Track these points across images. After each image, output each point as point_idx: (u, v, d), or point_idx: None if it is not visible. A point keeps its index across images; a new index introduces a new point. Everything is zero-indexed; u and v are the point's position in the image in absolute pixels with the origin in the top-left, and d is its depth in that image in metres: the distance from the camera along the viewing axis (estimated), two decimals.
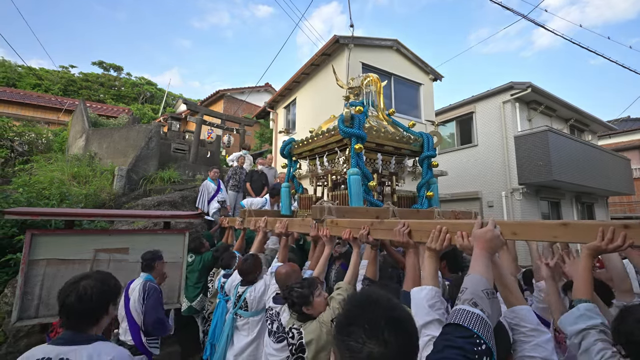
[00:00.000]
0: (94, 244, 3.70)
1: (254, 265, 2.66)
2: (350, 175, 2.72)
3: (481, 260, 1.14)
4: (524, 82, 9.03)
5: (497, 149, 9.46)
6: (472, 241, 1.27)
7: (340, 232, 2.18)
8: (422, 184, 3.31)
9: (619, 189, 10.97)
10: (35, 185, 5.44)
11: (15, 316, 3.23)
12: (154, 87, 26.55)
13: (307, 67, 8.52)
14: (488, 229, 1.24)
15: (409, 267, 1.65)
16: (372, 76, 3.50)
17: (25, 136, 8.85)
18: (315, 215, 2.32)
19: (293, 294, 1.87)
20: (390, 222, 1.85)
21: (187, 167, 8.38)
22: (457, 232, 1.40)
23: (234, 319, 2.65)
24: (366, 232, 1.93)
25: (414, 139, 3.30)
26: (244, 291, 2.63)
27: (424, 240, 1.54)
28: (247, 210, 3.68)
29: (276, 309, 2.22)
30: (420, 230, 1.63)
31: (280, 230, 2.77)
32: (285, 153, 3.76)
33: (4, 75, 20.48)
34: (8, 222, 4.09)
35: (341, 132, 2.80)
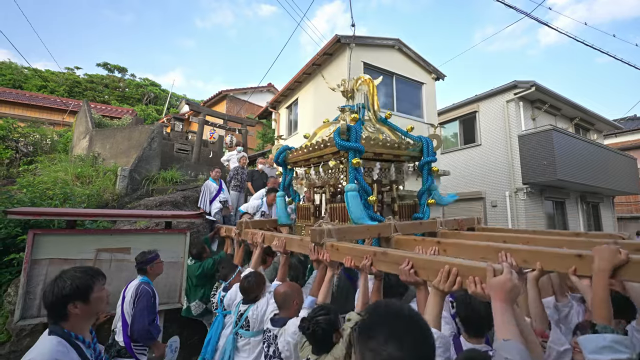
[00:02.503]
0: (96, 244, 3.72)
1: (256, 284, 2.55)
2: (347, 191, 2.61)
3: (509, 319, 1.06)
4: (528, 81, 8.95)
5: (501, 148, 9.38)
6: (488, 291, 1.20)
7: (340, 258, 2.08)
8: (422, 191, 3.16)
9: (625, 189, 10.83)
10: (39, 186, 5.48)
11: (18, 315, 3.26)
12: (157, 88, 26.71)
13: (309, 67, 8.52)
14: (506, 279, 1.14)
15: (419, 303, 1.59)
16: (363, 77, 3.33)
17: (30, 137, 8.93)
18: (315, 239, 2.23)
19: (320, 320, 1.72)
20: (394, 256, 1.76)
21: (189, 167, 8.41)
22: (469, 276, 1.33)
23: (234, 339, 2.55)
24: (369, 263, 1.83)
25: (412, 144, 3.15)
26: (245, 310, 2.53)
27: (431, 278, 1.48)
28: (243, 222, 3.58)
29: (274, 332, 2.13)
30: (427, 268, 1.54)
31: (278, 249, 2.67)
32: (279, 161, 3.62)
33: (10, 77, 20.72)
34: (11, 222, 4.13)
35: (338, 146, 2.66)
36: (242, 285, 2.58)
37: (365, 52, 7.62)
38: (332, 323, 1.74)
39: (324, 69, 8.37)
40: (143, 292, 2.65)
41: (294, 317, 2.10)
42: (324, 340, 1.72)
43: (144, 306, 2.58)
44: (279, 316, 2.22)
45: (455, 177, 9.46)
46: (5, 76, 20.69)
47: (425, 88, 8.69)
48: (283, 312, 2.21)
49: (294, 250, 2.72)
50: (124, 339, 2.59)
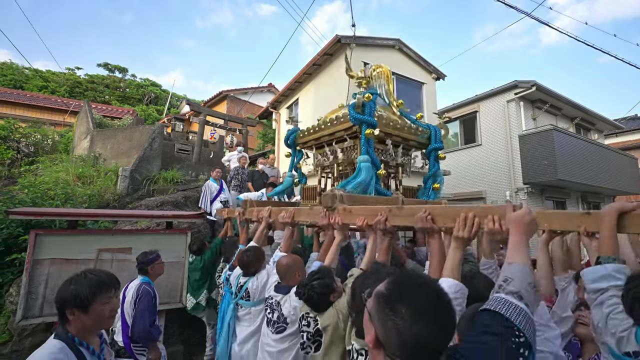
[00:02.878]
0: (98, 244, 3.74)
1: (255, 258, 2.59)
2: (360, 162, 2.68)
3: (522, 248, 1.09)
4: (529, 81, 8.94)
5: (502, 148, 9.38)
6: (507, 225, 1.23)
7: (353, 220, 2.10)
8: (429, 175, 3.30)
9: (626, 189, 10.82)
10: (40, 186, 5.50)
11: (20, 315, 3.27)
12: (158, 89, 26.73)
13: (309, 67, 8.53)
14: (525, 212, 1.19)
15: (434, 252, 1.61)
16: (382, 66, 3.47)
17: (32, 137, 8.96)
18: (327, 203, 2.24)
19: (315, 286, 1.78)
20: (410, 209, 1.77)
21: (190, 167, 8.43)
22: (487, 216, 1.35)
23: (235, 308, 2.61)
24: (384, 219, 1.85)
25: (421, 130, 3.29)
26: (245, 281, 2.58)
27: (448, 225, 1.50)
28: (248, 200, 3.59)
29: (276, 298, 2.18)
30: (444, 215, 1.57)
31: (286, 219, 2.66)
32: (289, 142, 3.69)
33: (11, 78, 20.76)
34: (13, 222, 4.14)
35: (351, 119, 2.75)
36: (241, 260, 2.60)
37: (366, 52, 7.63)
38: (328, 286, 1.77)
39: (324, 69, 8.38)
40: (144, 293, 2.64)
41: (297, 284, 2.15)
42: (321, 302, 1.78)
43: (145, 307, 2.58)
44: (282, 284, 2.25)
45: (455, 177, 9.45)
46: (7, 77, 20.73)
47: (425, 88, 8.70)
48: (285, 282, 2.24)
49: (302, 220, 2.73)
50: (124, 339, 2.59)
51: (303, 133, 3.51)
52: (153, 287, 2.76)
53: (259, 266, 2.60)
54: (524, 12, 7.04)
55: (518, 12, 6.85)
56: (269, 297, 2.26)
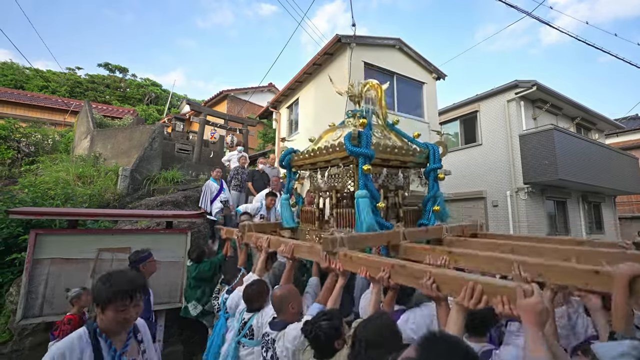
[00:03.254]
0: (98, 244, 3.74)
1: (259, 292, 2.49)
2: (358, 197, 2.61)
3: (540, 342, 1.06)
4: (529, 81, 8.93)
5: (502, 148, 9.37)
6: (518, 312, 1.18)
7: (354, 268, 2.05)
8: (428, 198, 3.17)
9: (627, 188, 10.80)
10: (40, 186, 5.50)
11: (20, 315, 3.28)
12: (158, 88, 26.74)
13: (310, 67, 8.52)
14: (537, 301, 1.14)
15: (442, 319, 1.57)
16: (371, 82, 3.35)
17: (32, 137, 8.97)
18: (327, 247, 2.20)
19: (322, 326, 1.68)
20: (413, 270, 1.73)
21: (190, 167, 8.43)
22: (496, 295, 1.30)
23: (236, 348, 2.47)
24: (387, 276, 1.80)
25: (419, 150, 3.17)
26: (249, 318, 2.46)
27: (454, 294, 1.45)
28: (247, 225, 3.52)
29: (272, 336, 2.08)
30: (449, 284, 1.52)
31: (285, 254, 2.60)
32: (284, 164, 3.61)
33: (12, 78, 20.78)
34: (13, 222, 4.15)
35: (348, 151, 2.67)
36: (246, 294, 2.52)
37: (366, 51, 7.62)
38: (336, 329, 1.70)
39: (324, 69, 8.37)
40: None
41: (293, 321, 2.05)
42: (326, 345, 1.69)
43: None
44: (277, 320, 2.17)
45: (456, 177, 9.44)
46: (7, 76, 20.75)
47: (426, 88, 8.69)
48: (281, 315, 2.17)
49: (302, 257, 2.67)
50: None
51: (298, 156, 3.44)
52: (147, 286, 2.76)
53: (263, 301, 2.50)
54: (524, 12, 7.02)
55: (519, 11, 6.83)
56: (265, 333, 2.17)
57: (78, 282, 3.40)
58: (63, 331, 2.68)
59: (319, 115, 8.33)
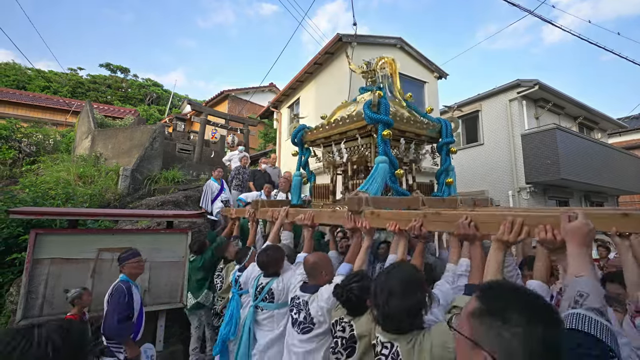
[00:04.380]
0: (98, 244, 3.72)
1: (275, 257, 2.51)
2: (378, 163, 2.64)
3: (586, 261, 1.07)
4: (531, 80, 8.88)
5: (504, 147, 9.32)
6: (563, 236, 1.20)
7: (381, 224, 2.08)
8: (441, 171, 3.26)
9: (629, 188, 10.73)
10: (41, 185, 5.50)
11: (20, 315, 3.27)
12: (160, 89, 26.79)
13: (311, 66, 8.49)
14: (583, 223, 1.15)
15: (476, 259, 1.59)
16: (386, 58, 3.39)
17: (33, 137, 8.98)
18: (353, 207, 2.23)
19: (354, 288, 1.75)
20: (448, 215, 1.75)
21: (191, 167, 8.42)
22: (538, 225, 1.32)
23: (254, 312, 2.49)
24: (419, 225, 1.83)
25: (432, 124, 3.23)
26: (267, 282, 2.47)
27: (492, 232, 1.47)
28: (259, 201, 3.53)
29: (304, 298, 2.13)
30: (488, 222, 1.54)
31: (305, 222, 2.63)
32: (296, 140, 3.62)
33: (14, 78, 20.84)
34: (14, 222, 4.14)
35: (367, 119, 2.70)
36: (260, 259, 2.52)
37: (367, 50, 7.58)
38: (366, 289, 1.72)
39: (325, 68, 8.34)
40: (116, 290, 2.64)
41: (325, 284, 2.10)
42: (358, 305, 1.74)
43: (115, 303, 2.57)
44: (309, 284, 2.21)
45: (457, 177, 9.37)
46: (9, 77, 20.82)
47: (427, 87, 8.65)
48: (312, 280, 2.21)
49: (324, 222, 2.69)
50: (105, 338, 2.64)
51: (311, 131, 3.45)
52: (131, 285, 2.72)
53: (280, 266, 2.52)
54: (526, 10, 6.98)
55: (521, 10, 6.79)
56: (294, 296, 2.21)
57: (78, 282, 3.39)
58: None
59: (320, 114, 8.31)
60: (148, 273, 3.84)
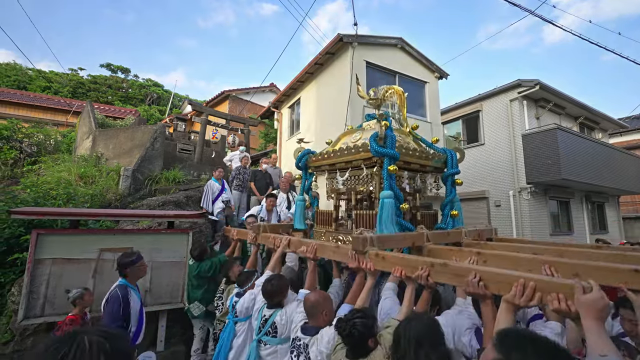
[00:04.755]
0: (99, 244, 3.73)
1: (279, 287, 2.43)
2: (383, 198, 2.62)
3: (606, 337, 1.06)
4: (532, 80, 8.88)
5: (505, 147, 9.31)
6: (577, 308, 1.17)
7: (387, 267, 2.04)
8: (446, 202, 3.21)
9: (630, 188, 10.72)
10: (42, 186, 5.50)
11: (21, 315, 3.27)
12: (160, 89, 26.82)
13: (311, 67, 8.49)
14: (598, 297, 1.13)
15: (487, 318, 1.54)
16: (395, 88, 3.41)
17: (34, 137, 8.97)
18: (357, 247, 2.20)
19: (357, 323, 1.69)
20: (456, 268, 1.69)
21: (192, 167, 8.42)
22: (550, 292, 1.28)
23: (257, 347, 2.38)
24: (426, 274, 1.78)
25: (437, 155, 3.21)
26: (271, 314, 2.38)
27: (502, 292, 1.42)
28: (262, 225, 3.49)
29: (304, 340, 2.05)
30: (498, 282, 1.48)
31: (309, 255, 2.58)
32: (301, 165, 3.61)
33: (14, 78, 20.88)
34: (15, 222, 4.13)
35: (373, 152, 2.69)
36: (265, 289, 2.46)
37: (368, 51, 7.59)
38: (370, 328, 1.71)
39: (326, 69, 8.34)
40: (112, 297, 2.53)
41: (325, 326, 2.05)
42: (360, 344, 1.69)
43: (109, 312, 2.47)
44: (309, 325, 2.15)
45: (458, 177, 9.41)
46: (10, 77, 20.85)
47: (428, 87, 8.65)
48: (312, 321, 2.15)
49: (327, 257, 2.65)
50: None
51: (316, 157, 3.43)
52: (128, 291, 2.61)
53: (283, 296, 2.45)
54: (527, 10, 6.98)
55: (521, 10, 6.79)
56: (296, 337, 2.15)
57: (79, 282, 3.40)
58: (65, 331, 2.66)
59: (321, 115, 8.31)
60: (149, 273, 3.85)
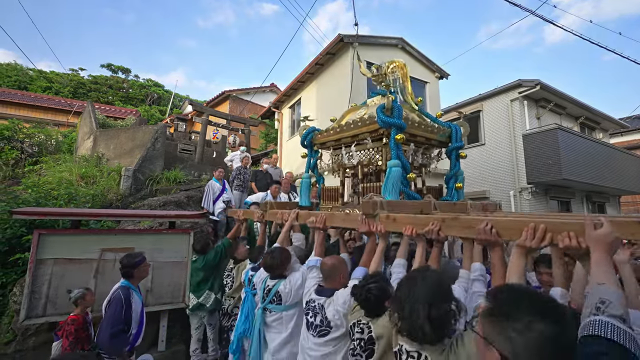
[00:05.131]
0: (101, 244, 3.74)
1: (281, 259, 2.52)
2: (391, 167, 2.66)
3: (609, 268, 1.08)
4: (533, 80, 8.87)
5: (505, 147, 9.31)
6: (587, 243, 1.21)
7: (397, 228, 2.10)
8: (450, 175, 3.29)
9: (631, 188, 10.71)
10: (43, 186, 5.52)
11: (23, 315, 3.28)
12: (161, 89, 26.84)
13: (312, 67, 8.51)
14: (608, 231, 1.16)
15: (497, 264, 1.58)
16: (397, 61, 3.41)
17: (35, 138, 8.99)
18: (368, 210, 2.25)
19: (372, 288, 1.76)
20: (467, 220, 1.74)
21: (193, 167, 8.44)
22: (561, 231, 1.32)
23: (263, 314, 2.51)
24: (437, 229, 1.84)
25: (442, 129, 3.26)
26: (274, 284, 2.49)
27: (513, 238, 1.48)
28: (268, 202, 3.55)
29: (319, 301, 2.13)
30: (509, 228, 1.53)
31: (317, 225, 2.63)
32: (306, 142, 3.64)
33: (15, 79, 20.91)
34: (17, 222, 4.15)
35: (380, 122, 2.72)
36: (266, 261, 2.55)
37: (369, 51, 7.60)
38: (384, 290, 1.77)
39: (327, 69, 8.35)
40: (115, 299, 2.53)
41: (340, 288, 2.12)
42: (377, 306, 1.76)
43: (111, 315, 2.47)
44: (324, 287, 2.23)
45: None
46: (11, 77, 20.88)
47: (428, 87, 8.66)
48: (328, 283, 2.22)
49: (337, 225, 2.69)
50: None
51: (322, 133, 3.46)
52: (130, 293, 2.61)
53: (285, 267, 2.53)
54: (528, 10, 6.98)
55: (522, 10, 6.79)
56: (310, 299, 2.22)
57: (81, 282, 3.40)
58: (66, 331, 2.68)
59: (322, 115, 8.32)
60: (151, 273, 3.84)
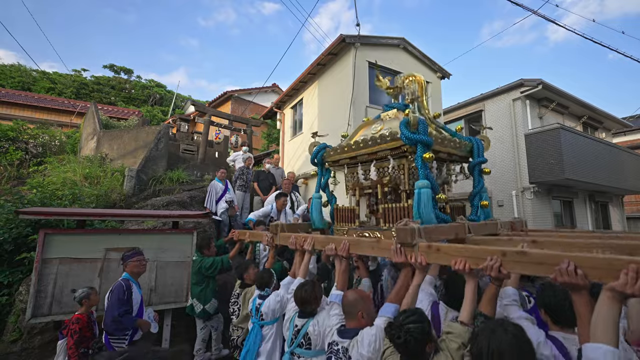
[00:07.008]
0: (105, 243, 3.78)
1: (313, 294, 2.24)
2: (419, 188, 2.41)
3: None
4: (535, 79, 8.85)
5: (507, 147, 9.29)
6: None
7: (443, 260, 1.83)
8: (475, 193, 3.02)
9: (634, 188, 10.66)
10: (48, 186, 5.57)
11: (29, 313, 3.32)
12: (163, 89, 26.94)
13: (314, 67, 8.51)
14: None
15: (584, 315, 1.31)
16: (415, 75, 3.24)
17: (39, 138, 9.06)
18: (405, 239, 1.98)
19: (412, 329, 1.51)
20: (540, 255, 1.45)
21: (195, 167, 8.48)
22: None
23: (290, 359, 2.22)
24: (497, 265, 1.56)
25: (463, 143, 3.04)
26: (303, 325, 2.21)
27: (605, 280, 1.23)
28: (279, 224, 3.24)
29: (343, 345, 1.89)
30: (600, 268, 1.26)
31: (340, 253, 2.36)
32: (317, 160, 3.39)
33: (19, 80, 21.04)
34: (22, 222, 4.20)
35: (404, 139, 2.47)
36: (299, 296, 2.27)
37: (370, 51, 7.60)
38: (427, 333, 1.53)
39: (328, 69, 8.36)
40: (117, 287, 2.80)
41: (364, 326, 1.90)
42: (417, 351, 1.52)
43: (115, 299, 2.72)
44: (346, 327, 2.00)
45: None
46: (15, 78, 21.02)
47: (430, 87, 8.64)
48: (350, 322, 2.00)
49: (365, 254, 2.44)
50: (104, 335, 2.74)
51: (334, 151, 3.19)
52: (131, 283, 2.86)
53: (316, 304, 2.27)
54: (530, 10, 6.97)
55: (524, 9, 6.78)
56: (332, 342, 1.97)
57: (86, 281, 3.44)
58: (71, 330, 2.72)
59: (323, 115, 8.33)
60: (154, 272, 3.90)
